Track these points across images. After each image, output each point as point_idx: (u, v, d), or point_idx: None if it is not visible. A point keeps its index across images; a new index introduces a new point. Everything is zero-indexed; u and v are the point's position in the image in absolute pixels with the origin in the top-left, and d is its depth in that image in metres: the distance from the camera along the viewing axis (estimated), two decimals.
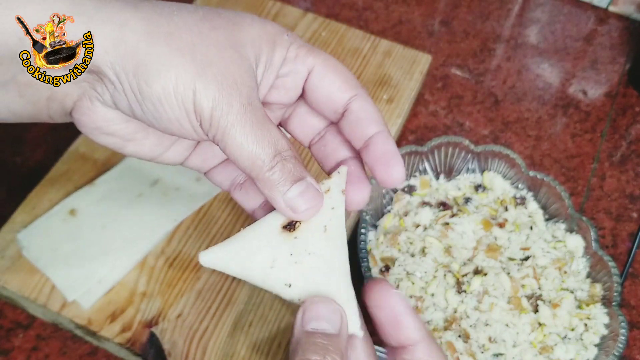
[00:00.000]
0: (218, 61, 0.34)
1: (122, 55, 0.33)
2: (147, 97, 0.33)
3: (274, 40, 0.37)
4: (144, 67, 0.33)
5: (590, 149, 0.74)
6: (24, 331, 0.58)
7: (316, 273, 0.37)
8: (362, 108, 0.38)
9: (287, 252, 0.36)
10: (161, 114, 0.34)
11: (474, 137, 0.74)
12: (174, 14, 0.35)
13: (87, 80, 0.34)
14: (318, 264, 0.37)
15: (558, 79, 0.80)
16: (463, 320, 0.57)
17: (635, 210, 0.69)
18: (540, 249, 0.61)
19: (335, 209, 0.38)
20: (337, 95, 0.38)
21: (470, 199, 0.65)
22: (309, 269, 0.36)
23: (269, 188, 0.35)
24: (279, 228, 0.37)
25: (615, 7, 0.86)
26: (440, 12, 0.87)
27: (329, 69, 0.38)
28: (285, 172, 0.35)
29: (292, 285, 0.36)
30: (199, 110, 0.34)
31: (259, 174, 0.35)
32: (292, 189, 0.35)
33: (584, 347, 0.56)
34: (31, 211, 0.60)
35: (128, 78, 0.33)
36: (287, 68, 0.38)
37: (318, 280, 0.37)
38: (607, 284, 0.59)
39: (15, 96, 0.35)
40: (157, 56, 0.33)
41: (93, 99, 0.35)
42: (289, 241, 0.37)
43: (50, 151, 0.69)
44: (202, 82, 0.33)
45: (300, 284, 0.36)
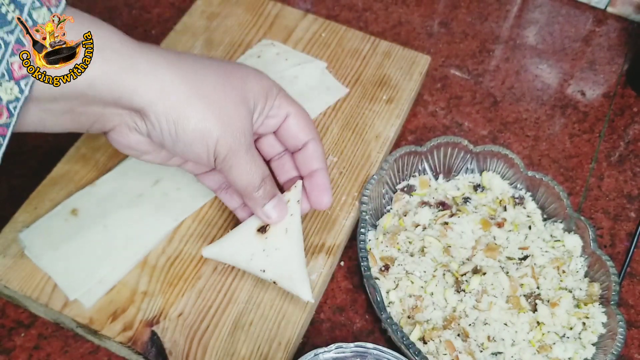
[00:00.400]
0: (233, 116, 0.47)
1: (167, 107, 0.45)
2: (181, 139, 0.46)
3: (267, 93, 0.51)
4: (185, 119, 0.45)
5: (588, 149, 0.74)
6: (25, 330, 0.58)
7: (281, 262, 0.54)
8: (314, 149, 0.55)
9: (260, 248, 0.54)
10: (188, 151, 0.48)
11: (472, 137, 0.74)
12: (207, 76, 0.47)
13: (130, 115, 0.46)
14: (283, 255, 0.54)
15: (556, 80, 0.80)
16: (462, 319, 0.58)
17: (633, 209, 0.69)
18: (538, 248, 0.62)
19: (293, 215, 0.54)
20: (300, 136, 0.54)
21: (469, 199, 0.65)
22: (276, 259, 0.54)
23: (253, 203, 0.52)
24: (255, 231, 0.54)
25: (614, 8, 0.87)
26: (439, 13, 0.87)
27: (299, 116, 0.54)
28: (265, 192, 0.52)
29: (265, 271, 0.54)
30: (217, 152, 0.48)
31: (250, 193, 0.51)
32: (268, 203, 0.53)
33: (582, 346, 0.56)
34: (33, 211, 0.60)
35: (168, 124, 0.45)
36: (273, 112, 0.53)
37: (282, 266, 0.54)
38: (605, 283, 0.59)
39: (68, 120, 0.45)
40: (195, 112, 0.46)
41: (132, 128, 0.47)
42: (262, 240, 0.54)
43: (51, 151, 0.69)
44: (223, 133, 0.47)
45: (271, 270, 0.54)
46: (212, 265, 0.59)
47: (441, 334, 0.56)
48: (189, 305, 0.56)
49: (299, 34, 0.76)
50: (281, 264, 0.54)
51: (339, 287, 0.62)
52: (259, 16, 0.77)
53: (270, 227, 0.54)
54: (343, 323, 0.60)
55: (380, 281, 0.59)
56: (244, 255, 0.54)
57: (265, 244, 0.54)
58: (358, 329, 0.60)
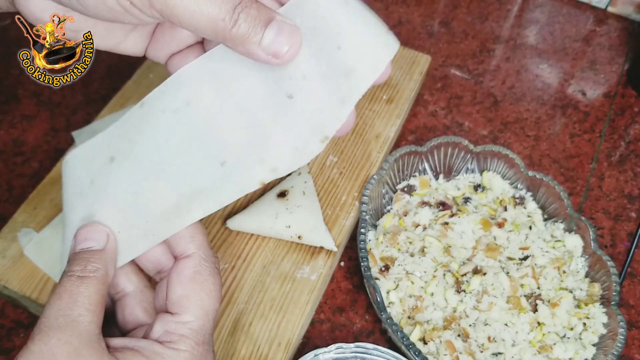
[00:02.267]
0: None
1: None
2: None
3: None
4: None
5: (589, 149, 0.74)
6: (25, 331, 0.58)
7: (304, 217, 0.58)
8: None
9: (283, 207, 0.58)
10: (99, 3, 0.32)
11: (473, 137, 0.74)
12: None
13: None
14: (305, 211, 0.58)
15: (557, 80, 0.80)
16: (462, 319, 0.57)
17: (633, 210, 0.69)
18: (539, 248, 0.62)
19: (307, 182, 0.60)
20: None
21: (469, 199, 0.65)
22: (299, 215, 0.58)
23: (241, 45, 0.33)
24: (275, 197, 0.59)
25: (614, 8, 0.86)
26: (439, 12, 0.87)
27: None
28: (250, 20, 0.33)
29: (290, 226, 0.58)
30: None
31: (225, 34, 0.33)
32: (265, 34, 0.33)
33: (583, 346, 0.56)
34: (32, 211, 0.60)
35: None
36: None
37: (306, 221, 0.58)
38: (605, 283, 0.59)
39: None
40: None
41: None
42: (283, 202, 0.58)
43: (51, 151, 0.69)
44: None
45: (296, 225, 0.58)
46: None
47: (441, 334, 0.56)
48: None
49: None
50: (305, 219, 0.58)
51: (339, 287, 0.62)
52: None
53: (289, 192, 0.59)
54: (343, 323, 0.60)
55: (380, 281, 0.59)
56: (269, 215, 0.58)
57: (287, 204, 0.58)
58: (358, 329, 0.60)
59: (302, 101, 0.36)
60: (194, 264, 0.39)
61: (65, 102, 0.74)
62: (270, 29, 0.33)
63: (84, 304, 0.35)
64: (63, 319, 0.34)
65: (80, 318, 0.34)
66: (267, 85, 0.36)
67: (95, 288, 0.36)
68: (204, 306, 0.38)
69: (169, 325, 0.37)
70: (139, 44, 0.39)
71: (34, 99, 0.74)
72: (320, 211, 0.61)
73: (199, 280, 0.38)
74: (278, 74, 0.35)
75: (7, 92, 0.74)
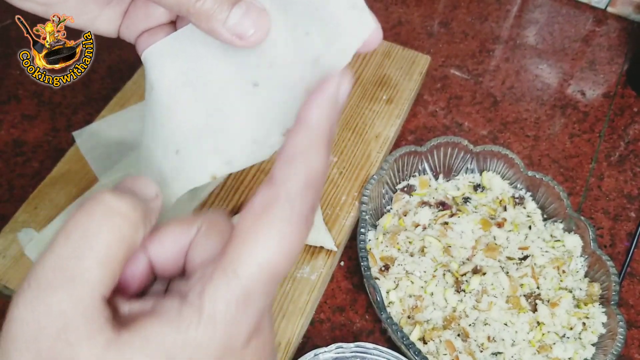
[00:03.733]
0: None
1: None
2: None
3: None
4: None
5: (588, 149, 0.74)
6: None
7: None
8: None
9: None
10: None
11: (472, 137, 0.74)
12: None
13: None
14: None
15: (556, 80, 0.80)
16: (462, 319, 0.58)
17: (633, 209, 0.69)
18: (538, 248, 0.62)
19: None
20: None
21: (469, 199, 0.65)
22: None
23: (205, 21, 0.31)
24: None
25: (614, 8, 0.87)
26: (439, 13, 0.87)
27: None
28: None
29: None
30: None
31: (189, 7, 0.31)
32: (232, 13, 0.31)
33: (582, 346, 0.56)
34: (33, 211, 0.60)
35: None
36: None
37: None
38: (605, 283, 0.59)
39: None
40: None
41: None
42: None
43: (51, 151, 0.69)
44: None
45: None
46: None
47: (441, 334, 0.56)
48: None
49: None
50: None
51: (339, 287, 0.62)
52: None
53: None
54: (343, 323, 0.60)
55: (380, 281, 0.59)
56: None
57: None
58: (358, 329, 0.60)
59: (267, 90, 0.33)
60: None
61: (65, 102, 0.74)
62: (237, 9, 0.31)
63: (99, 254, 0.25)
64: (62, 273, 0.25)
65: (86, 275, 0.25)
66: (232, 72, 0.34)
67: (121, 234, 0.26)
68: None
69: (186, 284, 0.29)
70: (113, 21, 0.36)
71: (35, 99, 0.74)
72: (320, 211, 0.61)
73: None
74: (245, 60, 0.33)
75: (7, 92, 0.74)
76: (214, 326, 0.25)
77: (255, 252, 0.26)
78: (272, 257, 0.26)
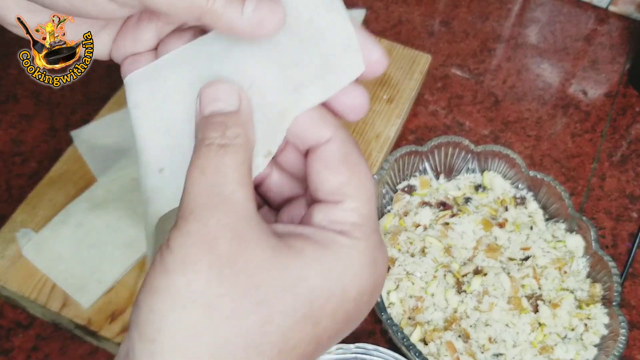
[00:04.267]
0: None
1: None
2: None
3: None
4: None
5: (590, 149, 0.74)
6: (23, 331, 0.58)
7: None
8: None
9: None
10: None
11: (474, 137, 0.74)
12: None
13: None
14: None
15: (558, 79, 0.80)
16: (463, 320, 0.57)
17: (635, 210, 0.69)
18: (540, 248, 0.61)
19: None
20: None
21: (470, 199, 0.65)
22: None
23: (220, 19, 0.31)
24: None
25: (615, 7, 0.86)
26: (440, 12, 0.87)
27: None
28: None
29: None
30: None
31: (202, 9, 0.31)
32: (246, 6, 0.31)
33: (584, 347, 0.56)
34: (31, 211, 0.60)
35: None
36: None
37: None
38: (607, 284, 0.59)
39: None
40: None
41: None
42: None
43: (50, 151, 0.69)
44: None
45: None
46: None
47: (442, 335, 0.56)
48: None
49: None
50: None
51: None
52: None
53: None
54: None
55: None
56: None
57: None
58: (358, 330, 0.60)
59: None
60: (338, 146, 0.32)
61: (64, 101, 0.73)
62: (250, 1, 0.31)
63: (235, 178, 0.29)
64: (216, 197, 0.28)
65: (234, 195, 0.28)
66: None
67: (242, 158, 0.29)
68: (367, 189, 0.31)
69: (334, 214, 0.30)
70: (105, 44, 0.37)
71: (33, 99, 0.73)
72: None
73: (353, 163, 0.31)
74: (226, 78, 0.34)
75: (6, 92, 0.74)
76: (355, 242, 0.29)
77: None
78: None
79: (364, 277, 0.29)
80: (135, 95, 0.35)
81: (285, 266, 0.28)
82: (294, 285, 0.27)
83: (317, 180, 0.31)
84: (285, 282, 0.27)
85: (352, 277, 0.29)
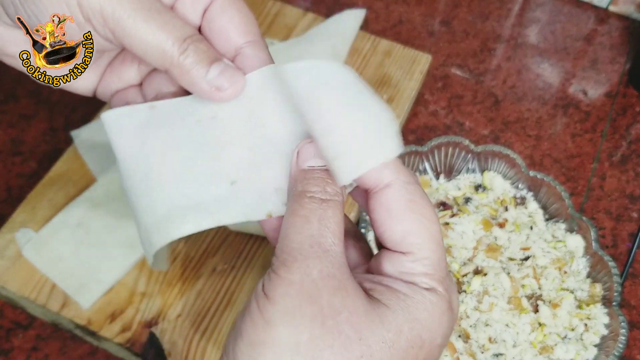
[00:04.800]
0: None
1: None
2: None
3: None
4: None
5: (590, 149, 0.74)
6: (23, 331, 0.58)
7: None
8: (255, 55, 0.36)
9: None
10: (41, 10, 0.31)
11: (474, 137, 0.74)
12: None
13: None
14: None
15: (558, 79, 0.80)
16: (463, 320, 0.57)
17: (635, 210, 0.69)
18: (540, 249, 0.61)
19: None
20: (233, 38, 0.35)
21: (470, 199, 0.65)
22: None
23: (186, 74, 0.34)
24: None
25: (616, 7, 0.86)
26: (440, 12, 0.86)
27: (231, 3, 0.35)
28: (199, 54, 0.34)
29: None
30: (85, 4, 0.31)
31: (172, 60, 0.33)
32: (211, 69, 0.34)
33: (584, 347, 0.56)
34: (31, 211, 0.60)
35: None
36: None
37: None
38: (607, 284, 0.59)
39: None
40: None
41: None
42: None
43: (49, 151, 0.69)
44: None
45: None
46: (211, 266, 0.58)
47: None
48: (187, 306, 0.56)
49: (298, 32, 0.75)
50: None
51: None
52: (259, 15, 0.77)
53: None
54: None
55: None
56: None
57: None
58: None
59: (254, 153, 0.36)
60: (400, 193, 0.31)
61: (64, 101, 0.73)
62: (216, 66, 0.34)
63: (335, 231, 0.30)
64: (318, 247, 0.29)
65: (333, 248, 0.30)
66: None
67: (340, 214, 0.31)
68: (434, 236, 0.31)
69: (404, 266, 0.31)
70: (90, 82, 0.39)
71: (33, 98, 0.73)
72: None
73: (416, 208, 0.31)
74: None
75: (5, 91, 0.74)
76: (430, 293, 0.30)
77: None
78: None
79: (444, 323, 0.30)
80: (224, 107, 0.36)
81: (382, 318, 0.28)
82: (394, 338, 0.28)
83: (381, 229, 0.32)
84: (386, 335, 0.28)
85: (438, 326, 0.30)
